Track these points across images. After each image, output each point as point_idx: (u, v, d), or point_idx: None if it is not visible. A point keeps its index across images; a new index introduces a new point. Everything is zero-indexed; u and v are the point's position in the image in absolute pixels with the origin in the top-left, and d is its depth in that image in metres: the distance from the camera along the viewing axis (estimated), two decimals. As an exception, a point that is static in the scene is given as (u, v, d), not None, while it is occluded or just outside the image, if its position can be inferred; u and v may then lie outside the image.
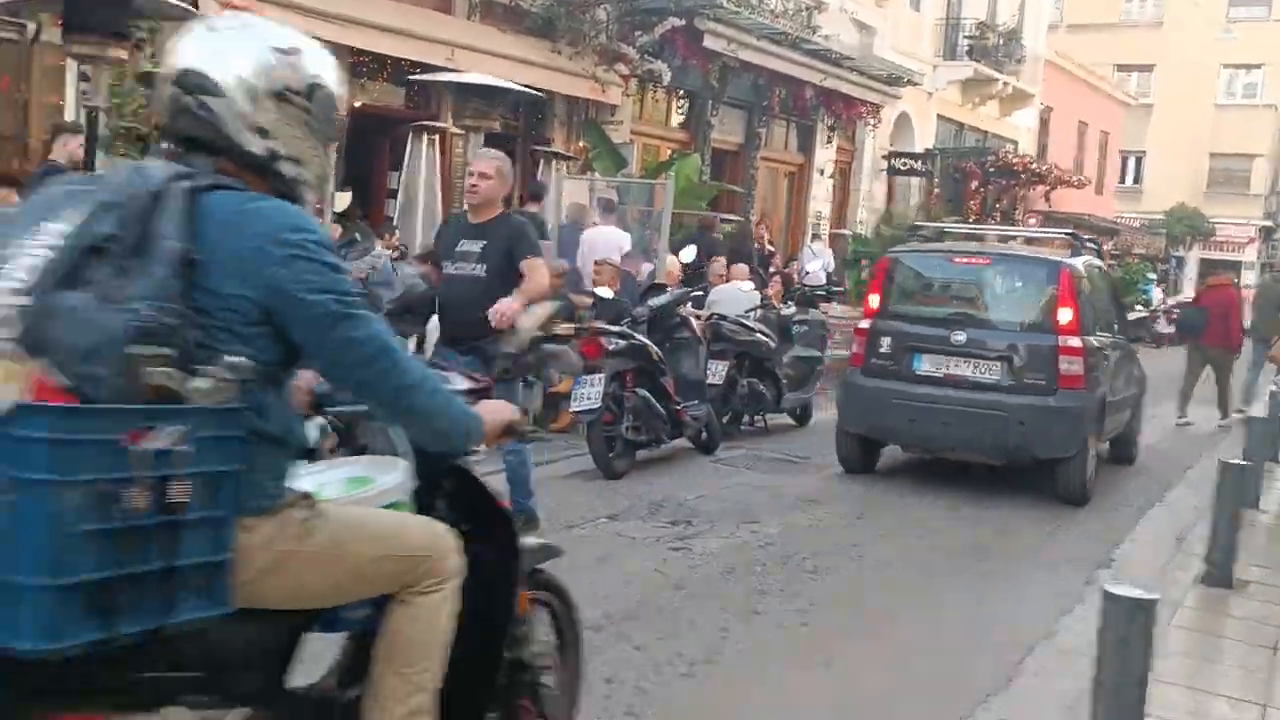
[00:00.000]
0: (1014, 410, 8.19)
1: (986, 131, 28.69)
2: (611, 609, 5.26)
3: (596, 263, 9.84)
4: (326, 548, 2.28)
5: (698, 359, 9.02)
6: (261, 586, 2.16)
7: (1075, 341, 8.24)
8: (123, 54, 7.64)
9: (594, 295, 9.41)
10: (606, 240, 12.97)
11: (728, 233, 17.44)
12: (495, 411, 2.59)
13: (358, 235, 7.49)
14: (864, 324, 8.91)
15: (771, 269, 18.24)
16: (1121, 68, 42.63)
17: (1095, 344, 8.53)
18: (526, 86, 11.09)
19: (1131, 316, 23.05)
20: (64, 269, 1.93)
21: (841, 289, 13.40)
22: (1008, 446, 8.36)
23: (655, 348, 8.45)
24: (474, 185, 5.82)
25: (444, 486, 2.73)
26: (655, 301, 8.92)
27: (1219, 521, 6.05)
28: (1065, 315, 8.31)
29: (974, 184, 27.29)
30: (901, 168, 24.85)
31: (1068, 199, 31.84)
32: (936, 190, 26.48)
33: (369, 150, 14.35)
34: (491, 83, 7.66)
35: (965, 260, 9.08)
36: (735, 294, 11.45)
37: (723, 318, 10.13)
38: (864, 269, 17.44)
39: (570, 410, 8.05)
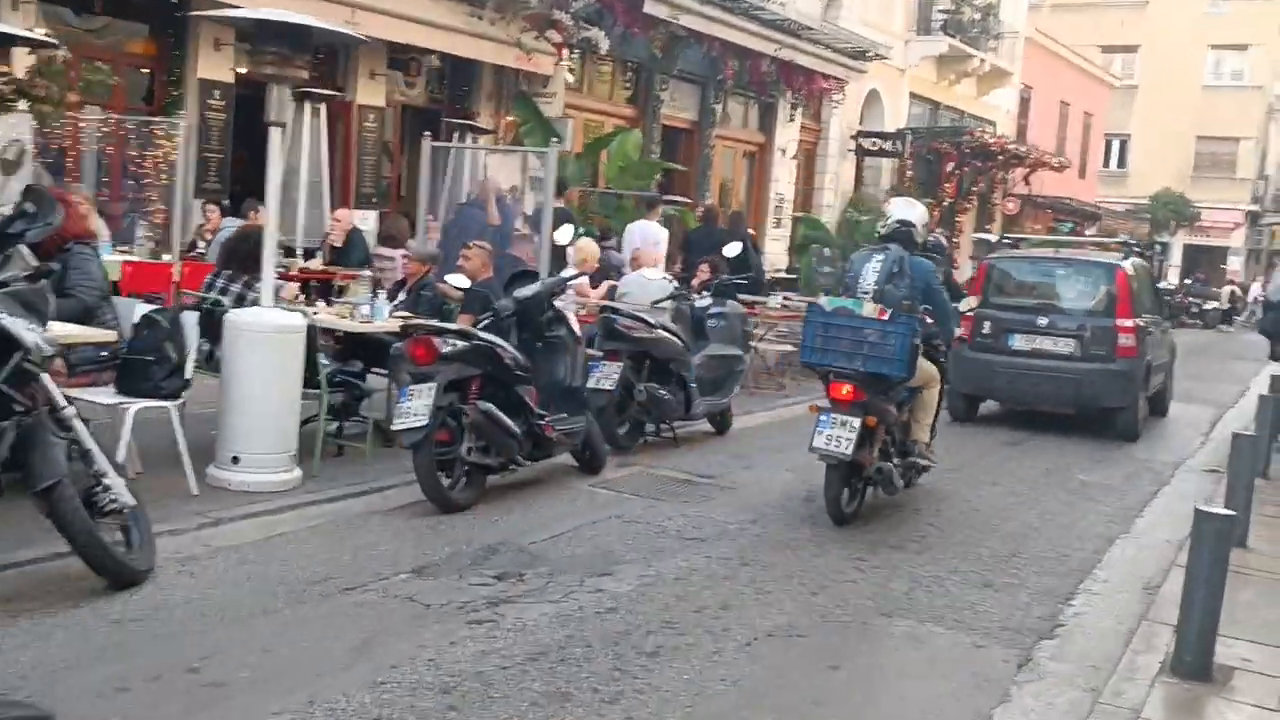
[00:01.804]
0: (1084, 374, 10.79)
1: (963, 111, 26.97)
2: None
3: (465, 246, 8.16)
4: None
5: (573, 362, 7.34)
6: None
7: (1129, 323, 10.80)
8: None
9: (455, 287, 7.76)
10: (644, 233, 12.20)
11: (669, 215, 15.77)
12: None
13: (28, 207, 5.78)
14: (969, 312, 10.73)
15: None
16: (1106, 49, 40.81)
17: (1142, 324, 11.00)
18: (368, 37, 9.27)
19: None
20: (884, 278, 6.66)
21: (754, 275, 11.57)
22: (1080, 400, 11.05)
23: (511, 349, 6.79)
24: None
25: None
26: (522, 292, 7.23)
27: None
28: (1121, 303, 10.88)
29: (949, 166, 25.59)
30: (871, 148, 23.15)
31: (1049, 182, 30.13)
32: (910, 173, 24.78)
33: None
34: (288, 19, 5.93)
35: (1044, 262, 12.16)
36: (641, 282, 9.79)
37: (616, 312, 8.46)
38: (816, 255, 15.72)
39: (393, 428, 6.38)
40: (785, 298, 14.05)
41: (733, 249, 10.28)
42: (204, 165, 12.22)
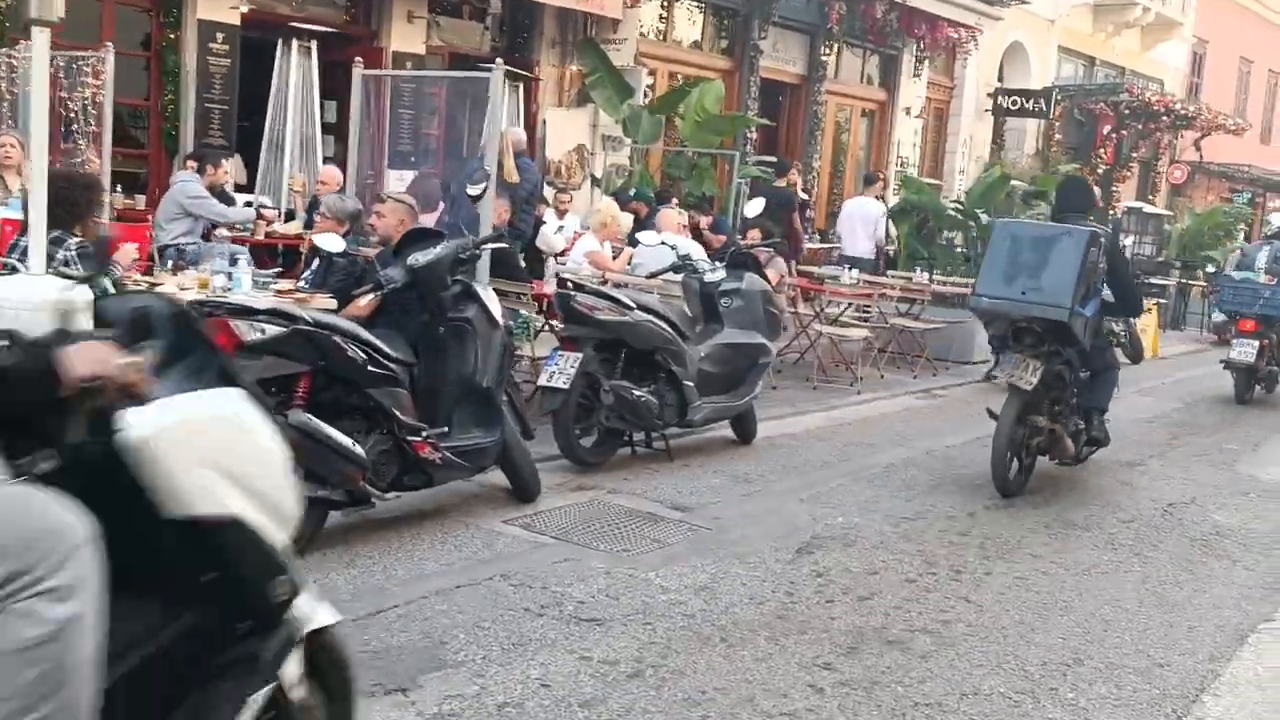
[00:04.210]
0: None
1: (1123, 68, 23.64)
2: None
3: (380, 200, 6.19)
4: None
5: (484, 355, 5.26)
6: None
7: None
8: None
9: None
10: (862, 213, 11.06)
11: (757, 177, 13.53)
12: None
13: None
14: None
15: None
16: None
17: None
18: None
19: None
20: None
21: (779, 239, 9.05)
22: None
23: (367, 339, 4.79)
24: None
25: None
26: (417, 259, 5.21)
27: None
28: None
29: (1105, 128, 22.39)
30: (1012, 107, 20.19)
31: (1224, 148, 26.34)
32: (1058, 136, 21.74)
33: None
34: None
35: None
36: (657, 248, 7.66)
37: (579, 287, 6.36)
38: (917, 220, 13.21)
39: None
40: (904, 278, 11.63)
41: (754, 207, 8.01)
42: (205, 117, 10.60)
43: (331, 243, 5.56)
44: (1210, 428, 9.38)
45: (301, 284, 6.38)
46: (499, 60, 7.43)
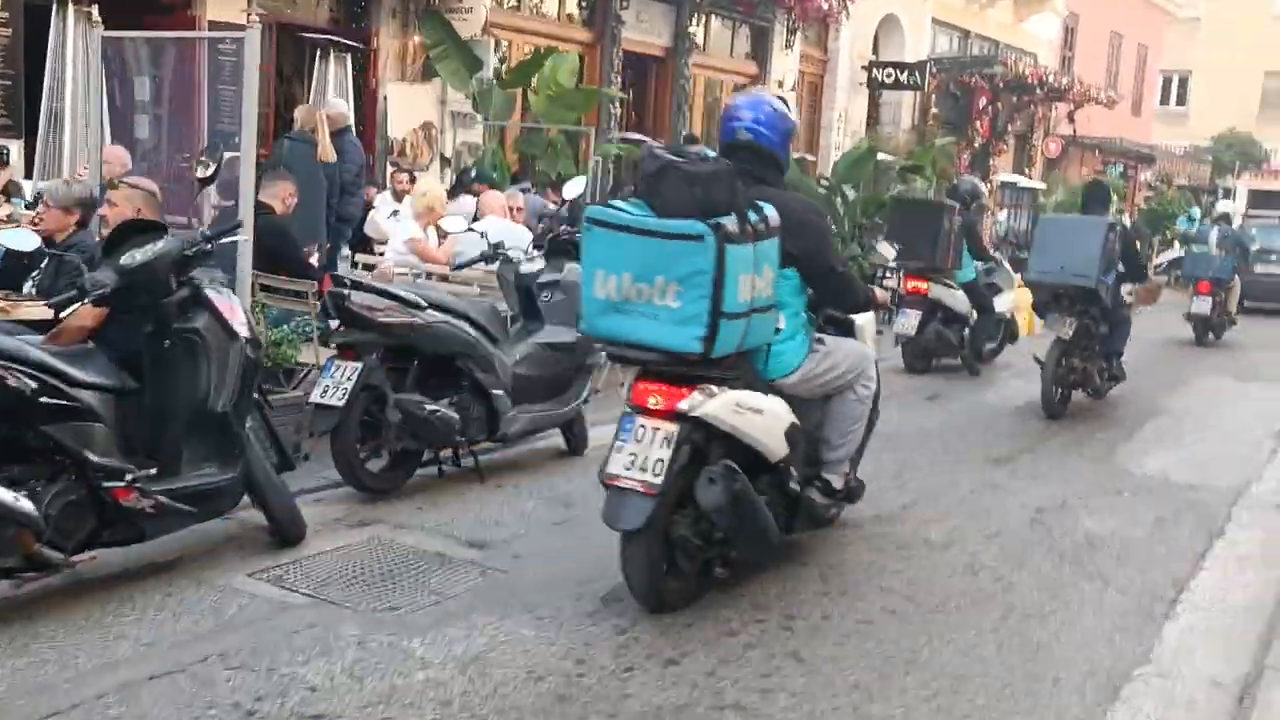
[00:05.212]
0: None
1: (998, 41, 23.19)
2: None
3: (112, 186, 5.13)
4: None
5: (219, 373, 4.26)
6: None
7: None
8: None
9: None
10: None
11: (618, 153, 12.66)
12: None
13: None
14: None
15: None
16: (1165, -22, 36.34)
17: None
18: None
19: (1169, 255, 18.08)
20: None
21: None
22: None
23: (23, 361, 3.75)
24: None
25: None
26: (130, 260, 4.18)
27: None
28: None
29: (981, 102, 21.96)
30: (886, 80, 19.59)
31: (1098, 121, 26.19)
32: (934, 110, 21.27)
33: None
34: None
35: None
36: (466, 234, 6.72)
37: (356, 285, 5.38)
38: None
39: None
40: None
41: (574, 187, 7.09)
42: (-15, 95, 9.31)
43: (22, 240, 4.51)
44: (1086, 413, 8.77)
45: (30, 289, 5.30)
46: (253, 19, 6.35)
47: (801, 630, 4.13)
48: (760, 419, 4.10)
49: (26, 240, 4.50)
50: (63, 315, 4.19)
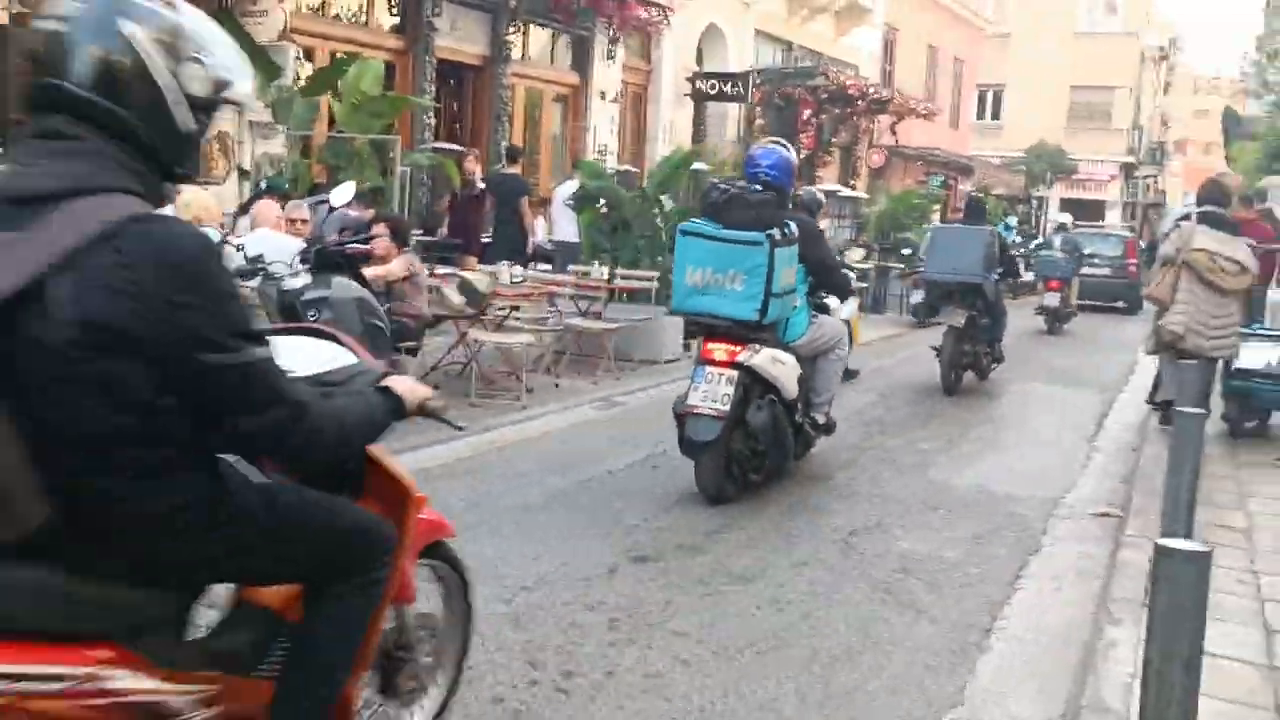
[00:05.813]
0: None
1: (820, 53, 23.41)
2: None
3: None
4: None
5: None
6: None
7: None
8: None
9: None
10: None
11: (433, 165, 12.01)
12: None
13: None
14: None
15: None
16: (977, -5, 37.56)
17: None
18: None
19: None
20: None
21: (368, 238, 7.31)
22: None
23: None
24: None
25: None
26: None
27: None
28: None
29: (806, 113, 22.03)
30: (710, 91, 19.43)
31: (918, 133, 26.76)
32: (759, 120, 21.20)
33: None
34: None
35: None
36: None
37: None
38: (601, 209, 11.99)
39: None
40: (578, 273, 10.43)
41: (342, 193, 6.42)
42: None
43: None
44: (906, 424, 8.55)
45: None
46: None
47: (579, 694, 3.60)
48: (785, 368, 5.85)
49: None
50: None
